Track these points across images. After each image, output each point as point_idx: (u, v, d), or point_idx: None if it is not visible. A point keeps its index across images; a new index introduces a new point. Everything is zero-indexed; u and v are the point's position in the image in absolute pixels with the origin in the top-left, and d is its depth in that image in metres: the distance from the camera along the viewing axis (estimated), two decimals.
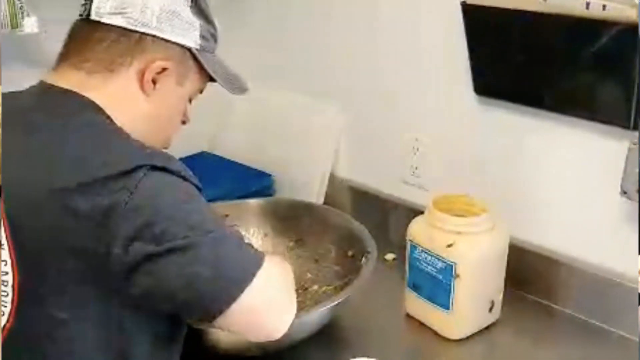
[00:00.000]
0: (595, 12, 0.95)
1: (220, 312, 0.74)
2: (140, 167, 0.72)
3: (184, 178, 0.77)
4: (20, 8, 1.18)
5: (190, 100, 0.93)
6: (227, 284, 0.74)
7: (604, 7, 0.93)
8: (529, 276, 1.19)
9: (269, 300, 0.78)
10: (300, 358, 1.03)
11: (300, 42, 1.49)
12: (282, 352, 0.98)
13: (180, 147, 0.95)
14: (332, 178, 1.50)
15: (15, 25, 1.19)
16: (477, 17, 1.12)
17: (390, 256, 1.33)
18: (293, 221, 1.26)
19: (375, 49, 1.36)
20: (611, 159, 1.04)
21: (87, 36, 0.84)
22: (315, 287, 1.17)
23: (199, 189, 0.79)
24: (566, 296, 1.16)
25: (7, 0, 1.16)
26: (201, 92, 0.94)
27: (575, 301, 1.14)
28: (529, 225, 1.19)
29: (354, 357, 0.93)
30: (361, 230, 1.16)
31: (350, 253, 1.17)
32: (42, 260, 0.73)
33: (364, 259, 1.09)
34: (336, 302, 0.98)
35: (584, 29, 0.98)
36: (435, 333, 1.10)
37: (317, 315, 0.99)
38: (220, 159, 1.68)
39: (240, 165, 1.63)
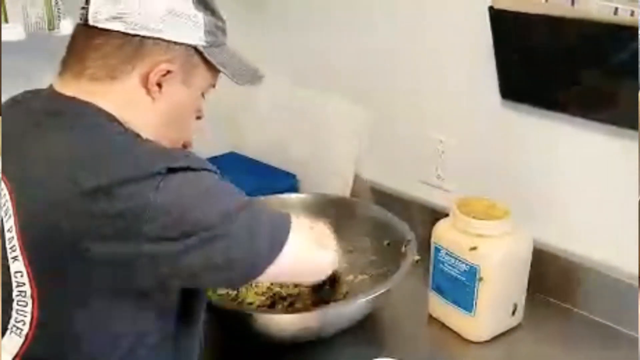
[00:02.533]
0: (623, 17, 0.95)
1: (251, 281, 0.82)
2: (159, 170, 0.72)
3: (202, 170, 0.77)
4: (58, 10, 1.22)
5: (203, 95, 0.90)
6: (260, 259, 0.78)
7: (632, 12, 0.93)
8: (552, 280, 1.19)
9: (299, 259, 0.85)
10: (327, 356, 1.06)
11: (327, 44, 1.51)
12: (311, 346, 1.03)
13: (208, 147, 0.96)
14: (356, 179, 1.52)
15: (52, 27, 1.22)
16: (504, 22, 1.12)
17: (415, 257, 1.34)
18: (326, 214, 1.27)
19: (401, 52, 1.37)
20: (635, 163, 1.04)
21: (86, 42, 0.81)
22: (351, 276, 1.20)
23: (217, 174, 0.79)
24: (589, 300, 1.16)
25: (45, 3, 1.20)
26: (214, 86, 0.90)
27: (597, 306, 1.15)
28: (552, 229, 1.20)
29: (376, 357, 0.95)
30: (396, 221, 1.20)
31: (386, 242, 1.19)
32: (62, 266, 0.73)
33: (404, 248, 1.12)
34: (382, 291, 1.03)
35: (612, 34, 0.98)
36: (458, 335, 1.11)
37: (363, 304, 1.04)
38: (247, 159, 1.71)
39: (266, 165, 1.66)
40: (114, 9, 0.79)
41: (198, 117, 0.91)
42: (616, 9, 0.95)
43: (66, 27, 1.23)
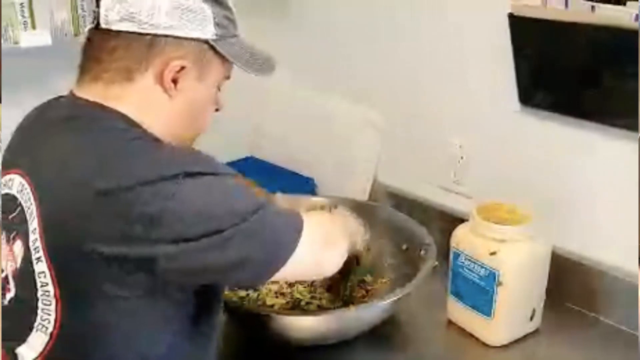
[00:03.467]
0: None
1: (267, 279, 0.81)
2: (176, 173, 0.74)
3: (216, 174, 0.78)
4: (83, 17, 1.24)
5: (219, 88, 0.90)
6: (274, 258, 0.80)
7: None
8: (571, 286, 1.19)
9: (312, 255, 0.86)
10: (347, 358, 1.07)
11: (348, 50, 1.52)
12: (330, 349, 1.05)
13: (227, 151, 0.97)
14: (374, 183, 1.53)
15: (77, 32, 1.25)
16: (523, 29, 1.13)
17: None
18: None
19: (420, 58, 1.38)
20: None
21: (99, 46, 0.82)
22: (370, 279, 1.21)
23: (232, 175, 0.81)
24: (608, 306, 1.16)
25: (71, 9, 1.22)
26: (228, 77, 0.90)
27: (616, 312, 1.15)
28: (571, 234, 1.20)
29: None
30: (414, 225, 1.21)
31: (404, 247, 1.20)
32: (80, 267, 0.74)
33: (422, 251, 1.12)
34: (401, 295, 1.04)
35: (632, 40, 0.98)
36: (477, 339, 1.12)
37: (382, 307, 1.06)
38: (265, 163, 1.72)
39: (284, 169, 1.67)
40: (122, 9, 0.79)
41: (216, 110, 0.92)
42: (637, 15, 0.95)
43: None
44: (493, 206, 1.12)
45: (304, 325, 1.04)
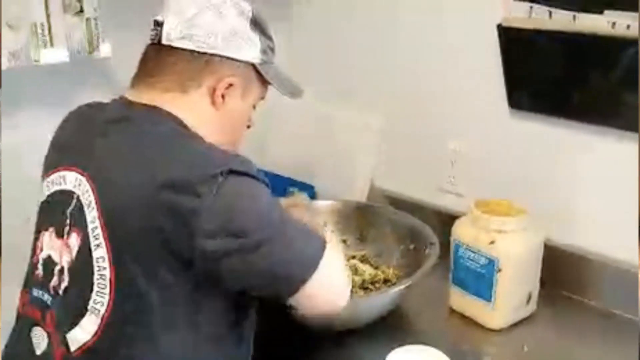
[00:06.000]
0: (621, 30, 1.07)
1: (293, 293, 0.86)
2: (221, 171, 0.82)
3: (257, 179, 0.87)
4: (97, 35, 1.31)
5: (254, 107, 1.03)
6: (298, 271, 0.86)
7: (628, 26, 1.05)
8: (563, 274, 1.29)
9: (332, 279, 0.91)
10: (358, 344, 1.15)
11: (347, 56, 1.61)
12: (348, 335, 1.13)
13: None
14: (371, 187, 1.62)
15: (91, 50, 1.32)
16: (511, 38, 1.24)
17: None
18: (354, 220, 1.39)
19: (417, 66, 1.48)
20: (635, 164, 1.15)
21: (159, 59, 0.93)
22: (381, 276, 1.29)
23: (268, 186, 0.89)
24: (597, 291, 1.26)
25: (87, 27, 1.29)
26: (263, 98, 1.03)
27: (604, 295, 1.25)
28: (562, 228, 1.29)
29: (402, 344, 1.03)
30: (421, 225, 1.29)
31: (412, 246, 1.29)
32: (134, 253, 0.83)
33: (427, 250, 1.21)
34: (407, 284, 1.13)
35: (609, 45, 1.09)
36: (478, 324, 1.21)
37: (388, 296, 1.15)
38: (265, 172, 1.79)
39: (284, 177, 1.75)
40: (184, 29, 0.90)
41: (248, 126, 1.03)
42: (614, 22, 1.07)
43: (105, 50, 1.32)
44: (490, 202, 1.21)
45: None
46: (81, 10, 1.27)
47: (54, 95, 1.33)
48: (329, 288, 0.91)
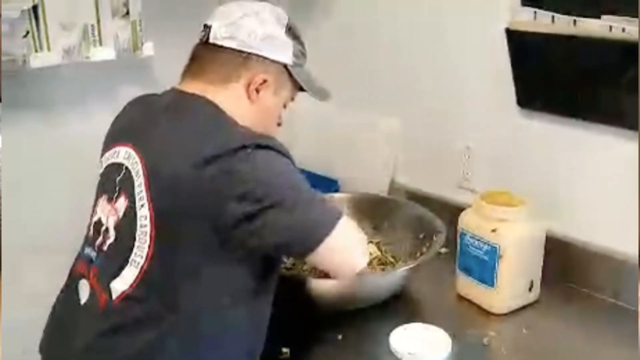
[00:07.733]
0: (617, 33, 1.14)
1: (312, 250, 0.98)
2: (249, 145, 0.95)
3: (282, 154, 0.99)
4: (141, 36, 1.45)
5: (284, 106, 1.15)
6: (317, 230, 0.98)
7: (623, 29, 1.12)
8: (568, 265, 1.35)
9: (348, 243, 1.03)
10: (367, 323, 1.25)
11: (366, 62, 1.71)
12: (359, 313, 1.23)
13: None
14: (392, 183, 1.71)
15: (135, 49, 1.46)
16: (519, 41, 1.32)
17: (443, 250, 1.51)
18: (369, 211, 1.50)
19: (430, 71, 1.56)
20: (635, 161, 1.21)
21: (206, 56, 1.08)
22: (393, 262, 1.39)
23: (292, 161, 1.01)
24: (599, 282, 1.32)
25: (132, 29, 1.43)
26: (292, 99, 1.17)
27: (603, 285, 1.31)
28: (567, 221, 1.36)
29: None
30: (432, 217, 1.39)
31: (421, 236, 1.39)
32: (172, 213, 0.95)
33: (434, 237, 1.31)
34: (411, 265, 1.26)
35: (606, 48, 1.17)
36: (482, 309, 1.28)
37: (395, 275, 1.28)
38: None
39: (310, 172, 1.85)
40: (228, 30, 1.05)
41: (279, 124, 1.15)
42: (610, 26, 1.14)
43: (147, 49, 1.46)
44: (494, 193, 1.29)
45: (323, 289, 1.19)
46: (127, 14, 1.41)
47: (102, 89, 1.48)
48: (347, 247, 1.03)
